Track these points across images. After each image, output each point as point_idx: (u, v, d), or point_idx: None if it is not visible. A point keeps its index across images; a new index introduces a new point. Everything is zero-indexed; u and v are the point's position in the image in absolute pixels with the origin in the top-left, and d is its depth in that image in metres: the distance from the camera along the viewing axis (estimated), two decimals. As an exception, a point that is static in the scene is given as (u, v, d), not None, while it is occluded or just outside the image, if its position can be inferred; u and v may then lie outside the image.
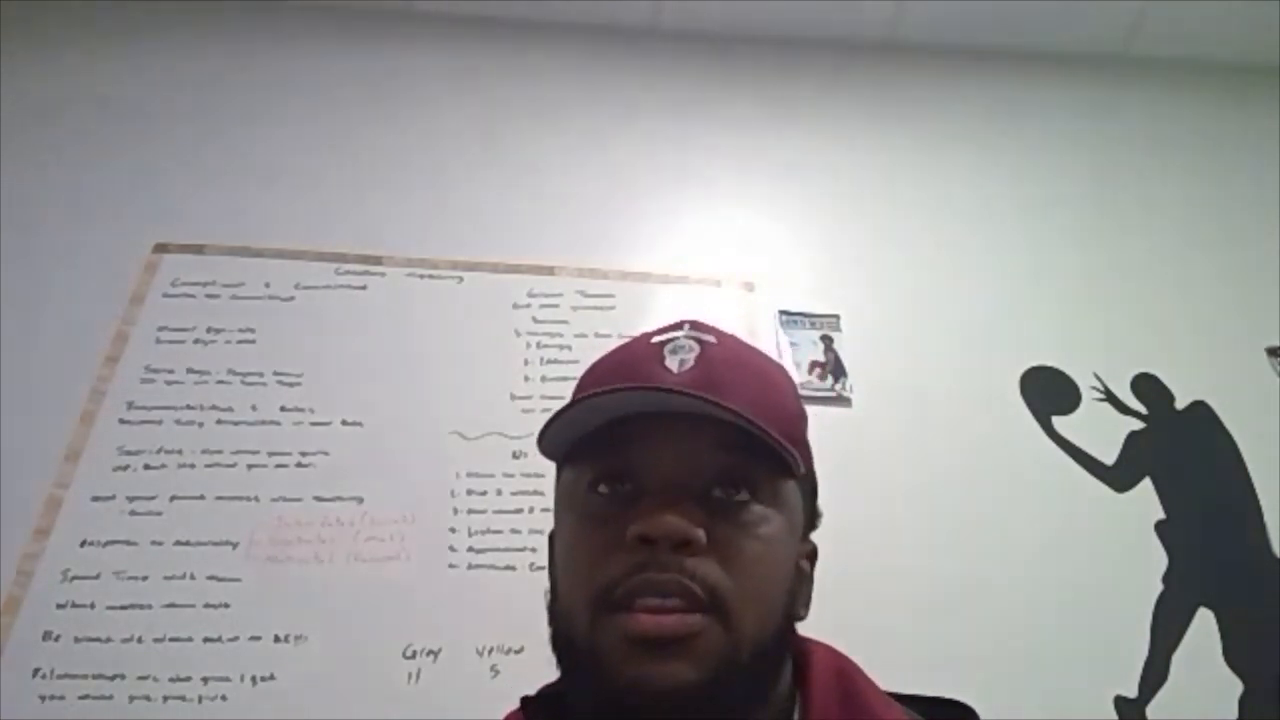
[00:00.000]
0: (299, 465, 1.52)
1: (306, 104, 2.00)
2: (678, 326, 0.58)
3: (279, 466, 1.52)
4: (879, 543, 1.52)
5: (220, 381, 1.59)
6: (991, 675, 1.41)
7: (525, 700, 0.60)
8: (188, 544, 1.43)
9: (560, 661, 0.54)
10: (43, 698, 1.29)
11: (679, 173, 1.98)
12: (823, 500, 0.61)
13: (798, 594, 0.55)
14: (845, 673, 0.57)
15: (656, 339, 0.57)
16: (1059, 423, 1.72)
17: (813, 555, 0.59)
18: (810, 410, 0.61)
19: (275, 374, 1.61)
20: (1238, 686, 1.47)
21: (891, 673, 0.60)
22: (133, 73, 2.01)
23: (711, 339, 0.56)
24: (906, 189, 2.01)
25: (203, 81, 2.01)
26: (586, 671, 0.50)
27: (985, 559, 1.55)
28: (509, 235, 1.82)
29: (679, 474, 0.51)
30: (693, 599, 0.48)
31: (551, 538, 0.59)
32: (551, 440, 0.55)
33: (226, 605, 1.39)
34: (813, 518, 0.59)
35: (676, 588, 0.48)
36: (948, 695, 0.61)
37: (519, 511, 1.50)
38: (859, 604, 1.25)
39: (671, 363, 0.54)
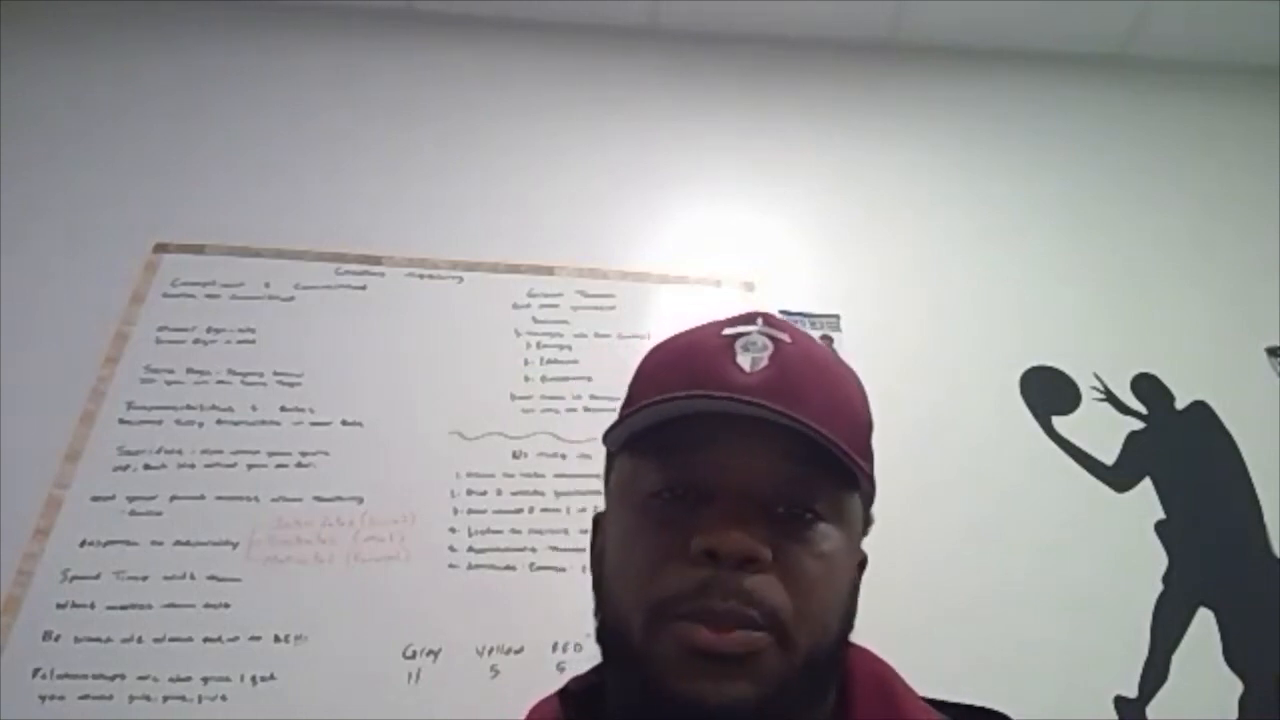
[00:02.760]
0: (299, 465, 1.52)
1: (307, 103, 2.00)
2: (750, 319, 0.55)
3: (279, 466, 1.52)
4: (878, 542, 1.52)
5: (220, 381, 1.59)
6: (991, 675, 1.41)
7: (563, 692, 0.58)
8: (188, 544, 1.43)
9: (607, 657, 0.53)
10: (43, 698, 1.29)
11: (679, 172, 1.98)
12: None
13: (851, 610, 0.55)
14: (884, 678, 0.57)
15: (728, 331, 0.54)
16: (1059, 423, 1.72)
17: (863, 565, 0.59)
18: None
19: (275, 374, 1.61)
20: (1238, 686, 1.47)
21: (891, 673, 0.59)
22: (132, 72, 2.01)
23: (786, 337, 0.54)
24: (907, 189, 2.01)
25: (202, 81, 2.01)
26: (637, 677, 0.49)
27: (984, 559, 1.55)
28: (509, 235, 1.82)
29: (746, 483, 0.49)
30: (751, 623, 0.47)
31: (597, 521, 0.58)
32: (614, 437, 0.54)
33: (226, 605, 1.39)
34: (867, 524, 0.59)
35: (738, 618, 0.47)
36: (980, 704, 0.60)
37: (519, 511, 1.50)
38: (861, 602, 1.25)
39: (744, 360, 0.52)
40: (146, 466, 1.50)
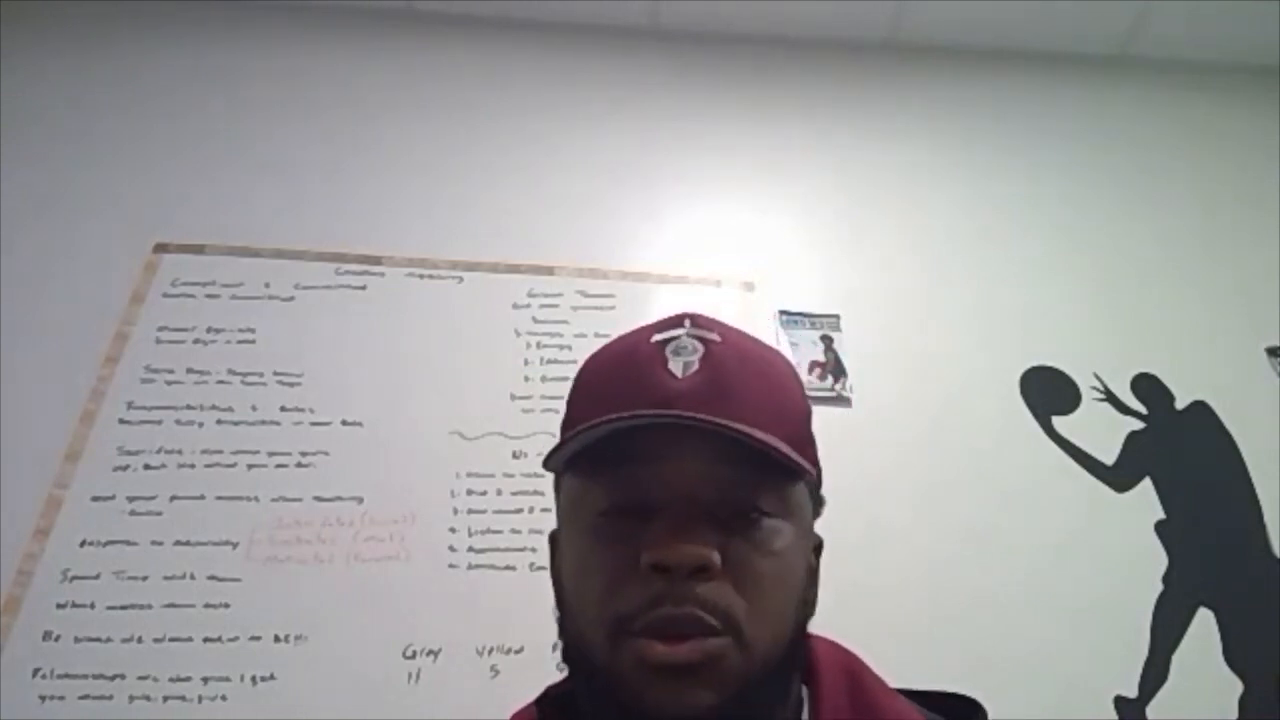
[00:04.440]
0: (299, 465, 1.52)
1: (307, 103, 2.00)
2: (678, 322, 0.56)
3: (279, 466, 1.52)
4: (878, 542, 1.52)
5: (220, 381, 1.59)
6: (991, 675, 1.41)
7: (540, 700, 0.59)
8: (188, 544, 1.43)
9: (574, 677, 0.54)
10: (43, 698, 1.29)
11: (679, 172, 1.98)
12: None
13: (809, 601, 0.55)
14: (852, 670, 0.57)
15: (657, 337, 0.55)
16: (1059, 423, 1.72)
17: (818, 548, 0.59)
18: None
19: (275, 374, 1.61)
20: (1238, 686, 1.47)
21: (890, 673, 0.59)
22: (132, 72, 2.01)
23: (715, 336, 0.55)
24: (907, 189, 2.01)
25: (202, 81, 2.01)
26: (604, 692, 0.50)
27: (984, 559, 1.55)
28: (509, 235, 1.82)
29: (689, 492, 0.50)
30: (706, 627, 0.48)
31: (553, 539, 0.59)
32: (554, 460, 0.55)
33: (226, 605, 1.39)
34: (817, 506, 0.58)
35: (693, 624, 0.47)
36: (952, 690, 0.61)
37: (519, 511, 1.50)
38: (858, 604, 1.25)
39: (675, 365, 0.53)
40: (146, 466, 1.50)
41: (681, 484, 0.50)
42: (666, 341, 0.55)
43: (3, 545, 1.40)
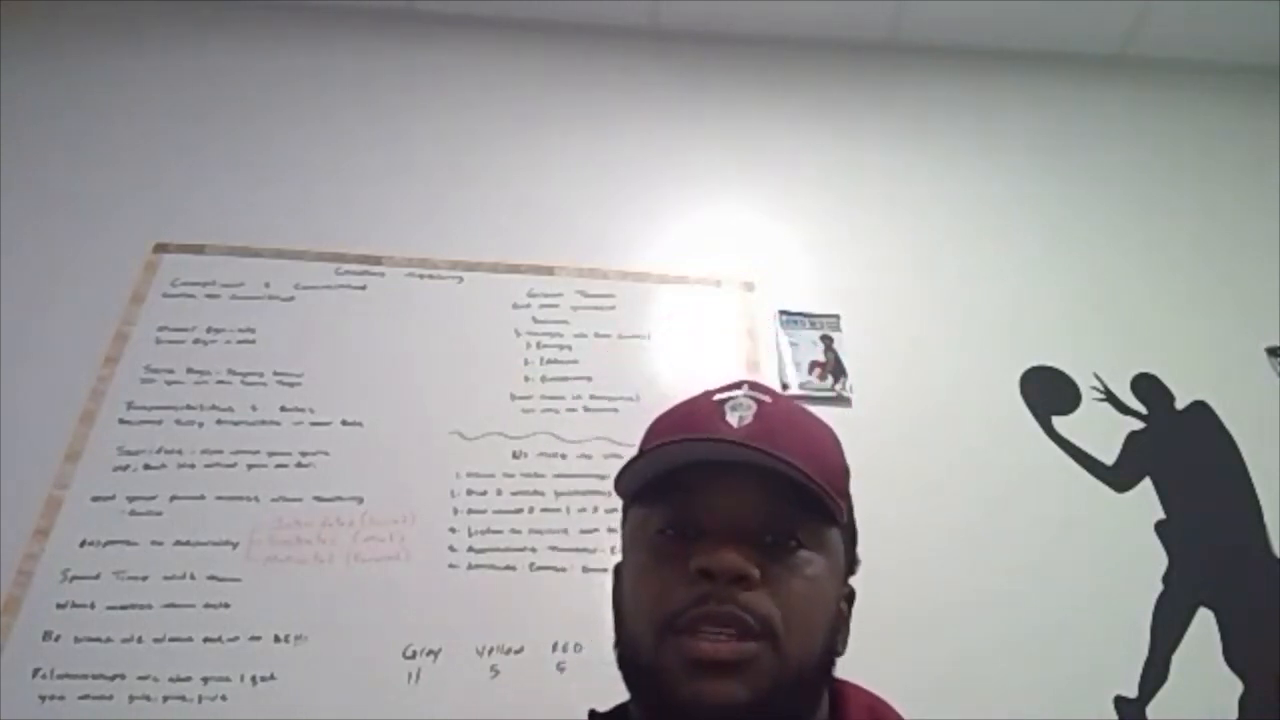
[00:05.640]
0: (299, 465, 1.52)
1: (307, 104, 2.00)
2: (737, 386, 0.64)
3: (279, 466, 1.52)
4: (878, 542, 1.52)
5: (220, 381, 1.59)
6: (991, 675, 1.42)
7: (593, 714, 0.64)
8: (188, 544, 1.43)
9: (626, 680, 0.59)
10: (43, 698, 1.29)
11: (679, 172, 1.98)
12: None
13: (838, 632, 0.61)
14: (878, 712, 0.62)
15: (718, 396, 0.63)
16: (1059, 423, 1.72)
17: (850, 598, 0.65)
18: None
19: (275, 374, 1.61)
20: (1238, 686, 1.47)
21: (890, 672, 0.60)
22: (132, 72, 2.01)
23: (768, 399, 0.62)
24: (907, 189, 2.01)
25: (202, 81, 2.01)
26: (649, 688, 0.56)
27: (985, 559, 1.55)
28: (509, 235, 1.82)
29: (736, 519, 0.57)
30: (746, 628, 0.53)
31: (617, 570, 0.66)
32: (625, 484, 0.62)
33: (226, 605, 1.39)
34: (852, 564, 0.65)
35: (733, 619, 0.53)
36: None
37: (519, 511, 1.50)
38: (858, 604, 1.25)
39: (731, 418, 0.60)
40: (146, 466, 1.50)
41: (729, 511, 0.57)
42: (726, 400, 0.62)
43: (3, 545, 1.40)
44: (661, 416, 0.67)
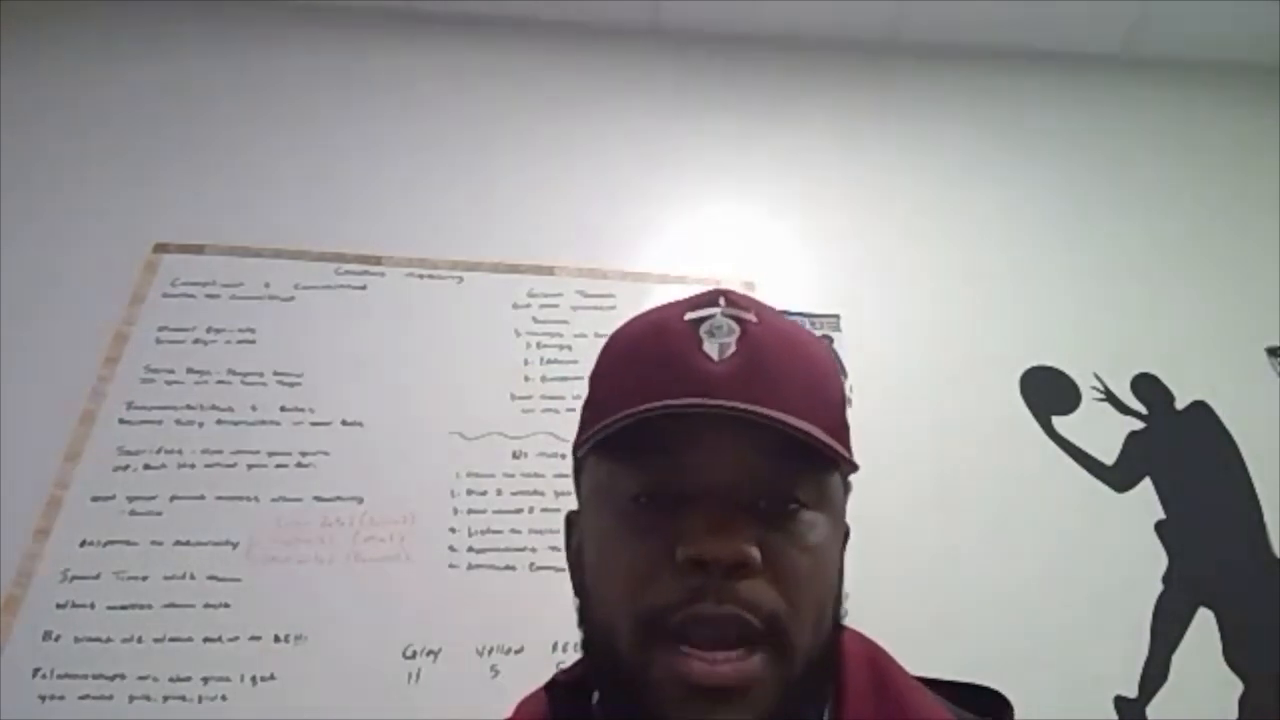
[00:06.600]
0: (299, 465, 1.52)
1: (307, 104, 2.00)
2: (712, 300, 0.53)
3: (279, 466, 1.52)
4: (878, 542, 1.52)
5: (220, 381, 1.59)
6: (991, 675, 1.41)
7: (549, 686, 0.58)
8: (188, 544, 1.43)
9: (595, 668, 0.53)
10: (43, 698, 1.29)
11: (679, 172, 1.98)
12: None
13: (841, 593, 0.53)
14: (877, 662, 0.55)
15: (690, 315, 0.53)
16: (1059, 423, 1.71)
17: (846, 536, 0.57)
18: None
19: (275, 374, 1.61)
20: (1238, 686, 1.47)
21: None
22: (132, 73, 2.00)
23: (751, 317, 0.52)
24: (907, 189, 2.01)
25: (202, 81, 2.01)
26: (630, 695, 0.47)
27: (984, 559, 1.55)
28: (509, 235, 1.82)
29: (726, 482, 0.48)
30: (748, 630, 0.46)
31: (570, 521, 0.57)
32: (585, 446, 0.53)
33: (226, 605, 1.39)
34: (846, 493, 0.56)
35: (734, 624, 0.45)
36: (976, 681, 0.59)
37: (519, 511, 1.50)
38: (857, 604, 1.24)
39: (711, 348, 0.50)
40: (146, 466, 1.50)
41: (719, 474, 0.48)
42: (700, 320, 0.52)
43: (3, 545, 1.40)
44: (619, 338, 0.58)
